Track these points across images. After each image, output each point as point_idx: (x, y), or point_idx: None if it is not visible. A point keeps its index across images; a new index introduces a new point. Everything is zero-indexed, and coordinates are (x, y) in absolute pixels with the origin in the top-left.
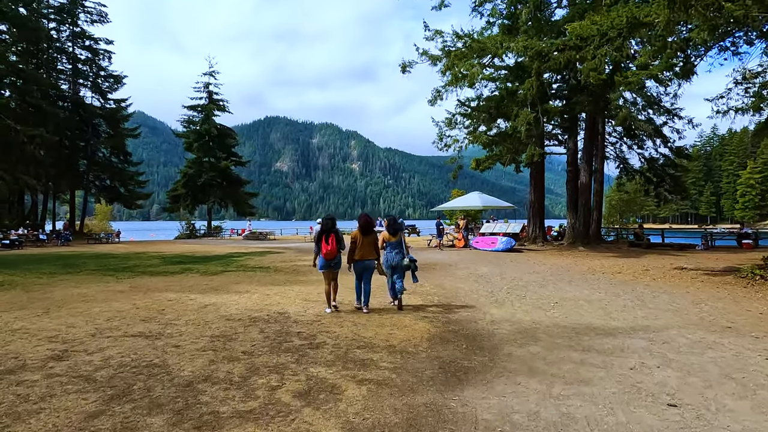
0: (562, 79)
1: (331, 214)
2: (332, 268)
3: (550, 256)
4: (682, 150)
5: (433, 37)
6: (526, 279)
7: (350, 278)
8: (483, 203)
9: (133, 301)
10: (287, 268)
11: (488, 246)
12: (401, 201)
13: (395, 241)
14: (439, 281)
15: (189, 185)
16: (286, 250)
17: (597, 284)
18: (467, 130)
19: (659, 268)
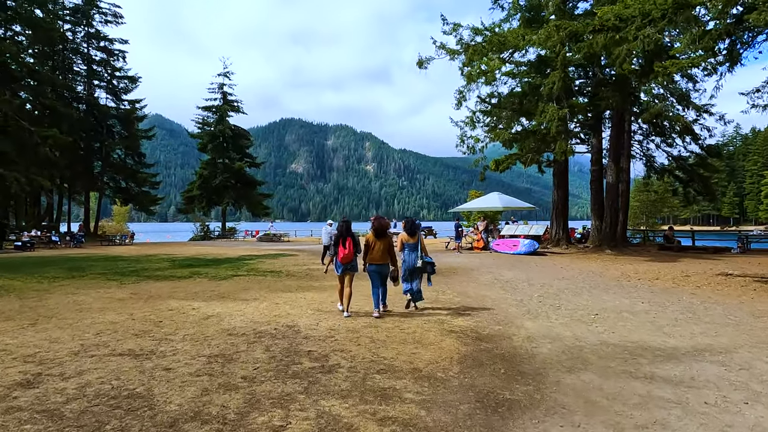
0: (585, 74)
1: (346, 217)
2: (349, 271)
3: (577, 260)
4: (713, 148)
5: (452, 31)
6: (556, 286)
7: (365, 285)
8: (503, 204)
9: (131, 311)
10: (300, 272)
11: (510, 249)
12: (416, 202)
13: (413, 242)
14: (462, 288)
15: (203, 186)
16: (299, 253)
17: (636, 292)
18: (488, 128)
19: (700, 273)
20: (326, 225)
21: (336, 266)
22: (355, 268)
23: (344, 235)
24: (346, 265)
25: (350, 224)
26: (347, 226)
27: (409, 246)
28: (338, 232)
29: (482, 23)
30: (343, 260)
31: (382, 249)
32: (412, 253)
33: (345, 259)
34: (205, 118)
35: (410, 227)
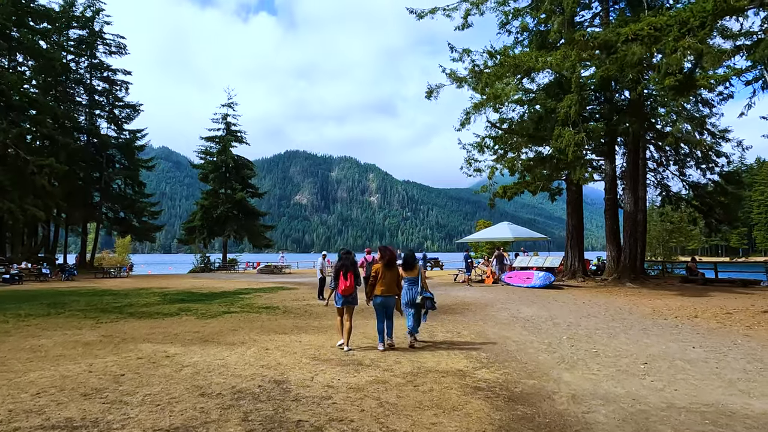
0: (596, 99)
1: (348, 249)
2: (349, 304)
3: (599, 294)
4: (733, 175)
5: (461, 57)
6: (585, 325)
7: (366, 324)
8: (513, 234)
9: (93, 360)
10: (298, 308)
11: (523, 282)
12: (419, 233)
13: (413, 276)
14: (479, 327)
15: (204, 217)
16: (300, 286)
17: (680, 334)
18: (497, 155)
19: (743, 310)
20: (320, 257)
21: (336, 299)
22: (356, 301)
23: (346, 266)
24: (347, 298)
25: (352, 256)
26: (350, 258)
27: (408, 280)
28: (340, 264)
29: (492, 47)
30: (343, 293)
31: (390, 280)
32: (412, 288)
33: (346, 292)
34: (207, 148)
35: (410, 260)
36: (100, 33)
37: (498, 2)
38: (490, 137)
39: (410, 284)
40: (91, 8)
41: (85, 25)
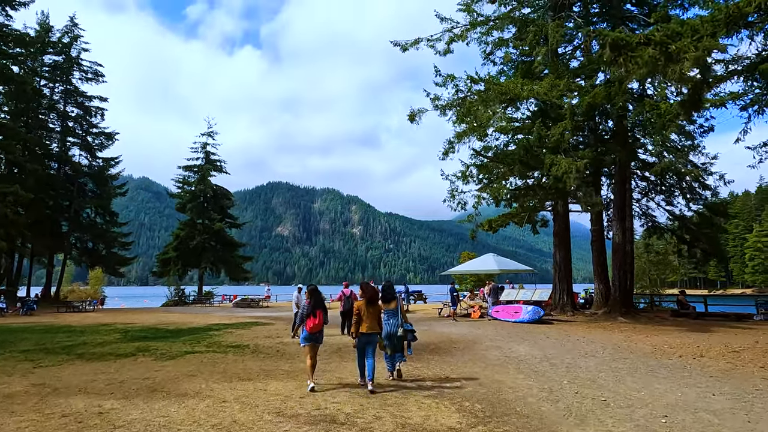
0: (582, 128)
1: (314, 285)
2: (315, 341)
3: (592, 330)
4: (718, 206)
5: (444, 83)
6: (585, 366)
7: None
8: (499, 266)
9: (2, 420)
10: (270, 347)
11: (511, 316)
12: (402, 265)
13: (392, 308)
14: (469, 370)
15: (180, 248)
16: (275, 321)
17: (692, 377)
18: (481, 184)
19: (749, 348)
20: (296, 291)
21: (302, 336)
22: (320, 340)
23: (314, 305)
24: (313, 335)
25: (320, 294)
26: (319, 298)
27: (387, 312)
28: (309, 302)
29: (477, 74)
30: (311, 330)
31: (373, 317)
32: (390, 320)
33: (313, 329)
34: (186, 177)
35: (388, 293)
36: (77, 59)
37: (482, 33)
38: (475, 165)
39: (389, 316)
40: (68, 34)
41: (61, 51)
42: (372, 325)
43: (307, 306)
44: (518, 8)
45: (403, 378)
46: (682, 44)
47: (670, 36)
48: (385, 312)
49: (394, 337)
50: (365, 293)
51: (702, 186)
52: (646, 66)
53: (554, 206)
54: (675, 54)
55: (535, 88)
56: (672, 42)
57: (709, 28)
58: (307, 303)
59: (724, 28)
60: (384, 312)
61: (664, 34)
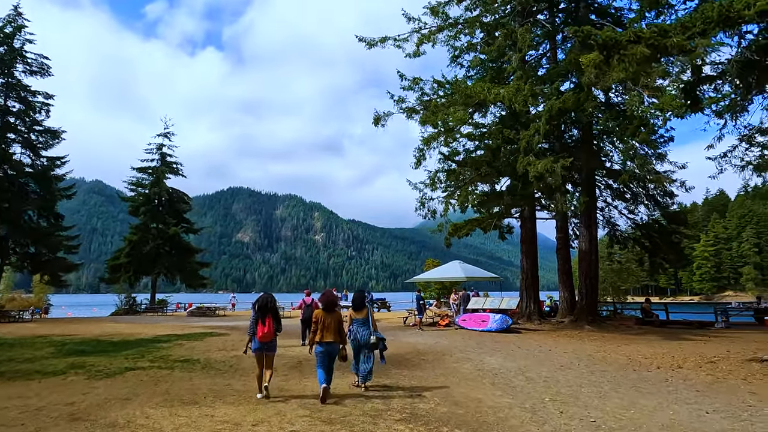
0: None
1: (270, 294)
2: (266, 351)
3: (562, 340)
4: (680, 215)
5: (411, 86)
6: (564, 380)
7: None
8: (465, 274)
9: None
10: (223, 362)
11: (478, 325)
12: (364, 273)
13: (362, 317)
14: (441, 385)
15: (132, 254)
16: (232, 331)
17: (678, 392)
18: (449, 190)
19: (723, 358)
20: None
21: (253, 345)
22: (274, 348)
23: (264, 312)
24: (264, 345)
25: (274, 300)
26: (270, 304)
27: (357, 321)
28: (259, 310)
29: (444, 77)
30: (261, 339)
31: (332, 326)
32: (361, 329)
33: (263, 338)
34: (139, 179)
35: (358, 301)
36: (20, 51)
37: (449, 36)
38: (443, 171)
39: (359, 325)
40: (11, 24)
41: (3, 41)
42: (332, 335)
43: (254, 313)
44: (486, 13)
45: (370, 396)
46: (674, 41)
47: (660, 33)
48: (356, 321)
49: (365, 346)
50: (321, 300)
51: (664, 194)
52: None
53: (521, 213)
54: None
55: (501, 92)
56: (663, 38)
57: (700, 26)
58: (253, 311)
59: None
60: (354, 321)
61: (653, 32)
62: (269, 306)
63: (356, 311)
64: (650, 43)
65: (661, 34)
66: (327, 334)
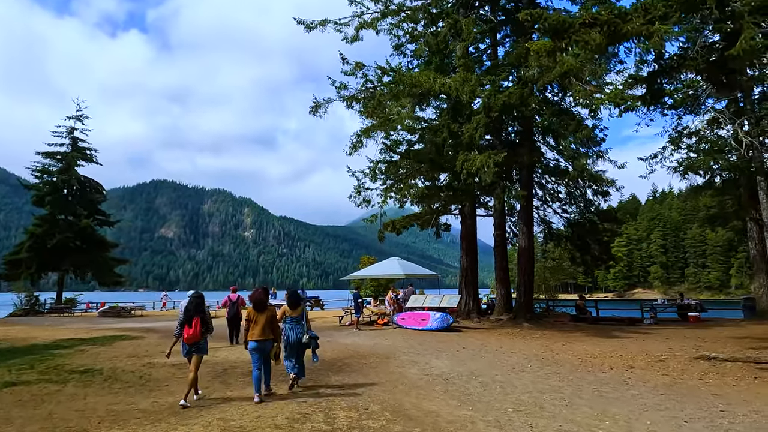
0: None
1: (198, 292)
2: (195, 353)
3: (504, 338)
4: (610, 214)
5: (353, 71)
6: (521, 386)
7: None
8: (404, 271)
9: None
10: (132, 371)
11: (418, 324)
12: (295, 270)
13: (297, 315)
14: (389, 396)
15: (35, 248)
16: (148, 334)
17: (643, 397)
18: (388, 182)
19: (670, 356)
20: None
21: (182, 349)
22: (203, 350)
23: (192, 314)
24: (192, 347)
25: (202, 300)
26: (197, 304)
27: (291, 319)
28: (185, 311)
29: (388, 63)
30: (188, 341)
31: (264, 323)
32: (294, 327)
33: (190, 340)
34: (45, 166)
35: (293, 299)
36: None
37: (392, 24)
38: (384, 162)
39: (293, 323)
40: None
41: None
42: (263, 332)
43: (181, 314)
44: (431, 6)
45: (310, 413)
46: (634, 25)
47: (619, 16)
48: (290, 318)
49: (298, 345)
50: (250, 298)
51: (601, 192)
52: (589, 51)
53: (462, 209)
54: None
55: (447, 82)
56: (622, 23)
57: (661, 9)
58: (181, 311)
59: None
60: (288, 318)
61: (612, 14)
62: (196, 306)
63: (292, 309)
64: (607, 28)
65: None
66: (259, 331)
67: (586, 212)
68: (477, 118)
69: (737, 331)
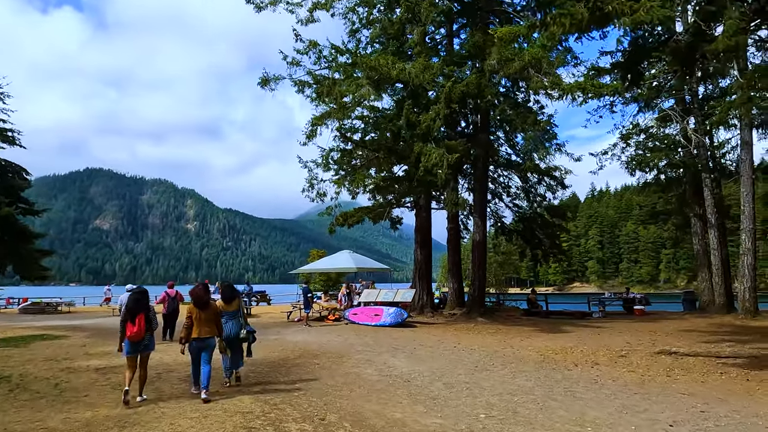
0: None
1: (141, 287)
2: (141, 352)
3: (460, 334)
4: (559, 208)
5: (306, 50)
6: (489, 388)
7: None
8: (356, 264)
9: None
10: (47, 378)
11: (370, 319)
12: (240, 264)
13: (232, 310)
14: (347, 402)
15: None
16: (74, 333)
17: (618, 397)
18: (341, 173)
19: (629, 351)
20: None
21: (125, 347)
22: (149, 347)
23: (134, 311)
24: (137, 344)
25: (145, 296)
26: (138, 300)
27: (227, 314)
28: (128, 308)
29: (344, 44)
30: (131, 338)
31: (207, 320)
32: (230, 322)
33: (134, 338)
34: None
35: (228, 293)
36: None
37: (348, 8)
38: (337, 150)
39: (229, 317)
40: None
41: None
42: (206, 329)
43: (123, 312)
44: None
45: (257, 426)
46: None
47: None
48: (226, 313)
49: (235, 339)
50: (191, 295)
51: (556, 186)
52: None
53: (416, 201)
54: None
55: (407, 68)
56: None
57: None
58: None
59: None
60: (224, 313)
61: None
62: (137, 302)
63: (227, 303)
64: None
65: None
66: (202, 328)
67: (537, 206)
68: (436, 108)
69: (683, 324)
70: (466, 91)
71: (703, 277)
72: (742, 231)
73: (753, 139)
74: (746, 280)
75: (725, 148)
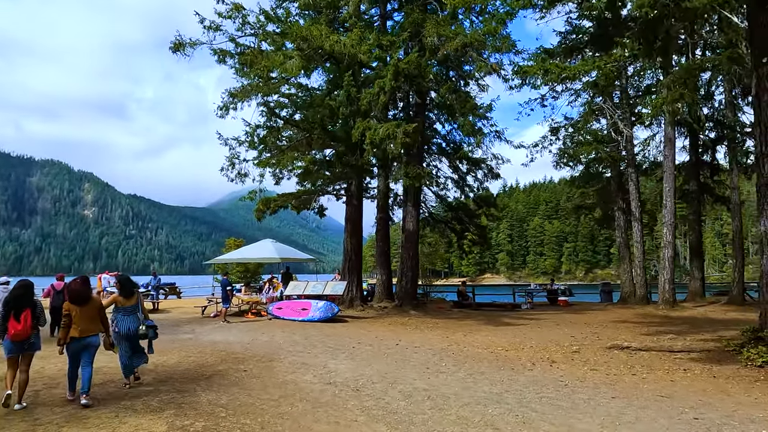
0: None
1: (26, 281)
2: (26, 351)
3: (397, 329)
4: (489, 198)
5: (230, 15)
6: (453, 395)
7: None
8: (280, 254)
9: None
10: None
11: (297, 314)
12: (145, 254)
13: (132, 304)
14: (288, 421)
15: None
16: None
17: (598, 403)
18: (267, 154)
19: (580, 347)
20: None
21: (4, 347)
22: (35, 347)
23: (17, 305)
24: (22, 344)
25: (30, 289)
26: (23, 294)
27: (124, 310)
28: (8, 302)
29: (273, 10)
30: (14, 338)
31: (88, 317)
32: (128, 318)
33: (17, 337)
34: None
35: (127, 287)
36: None
37: None
38: (264, 126)
39: (128, 313)
40: None
41: None
42: (88, 327)
43: (3, 307)
44: None
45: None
46: None
47: None
48: (124, 309)
49: (135, 337)
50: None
51: (486, 176)
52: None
53: (348, 187)
54: None
55: (342, 40)
56: None
57: None
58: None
59: None
60: (122, 308)
61: None
62: (18, 298)
63: (126, 298)
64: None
65: None
66: (83, 327)
67: (466, 196)
68: (381, 82)
69: (609, 315)
70: (406, 69)
71: (625, 269)
72: (663, 225)
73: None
74: (666, 272)
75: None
